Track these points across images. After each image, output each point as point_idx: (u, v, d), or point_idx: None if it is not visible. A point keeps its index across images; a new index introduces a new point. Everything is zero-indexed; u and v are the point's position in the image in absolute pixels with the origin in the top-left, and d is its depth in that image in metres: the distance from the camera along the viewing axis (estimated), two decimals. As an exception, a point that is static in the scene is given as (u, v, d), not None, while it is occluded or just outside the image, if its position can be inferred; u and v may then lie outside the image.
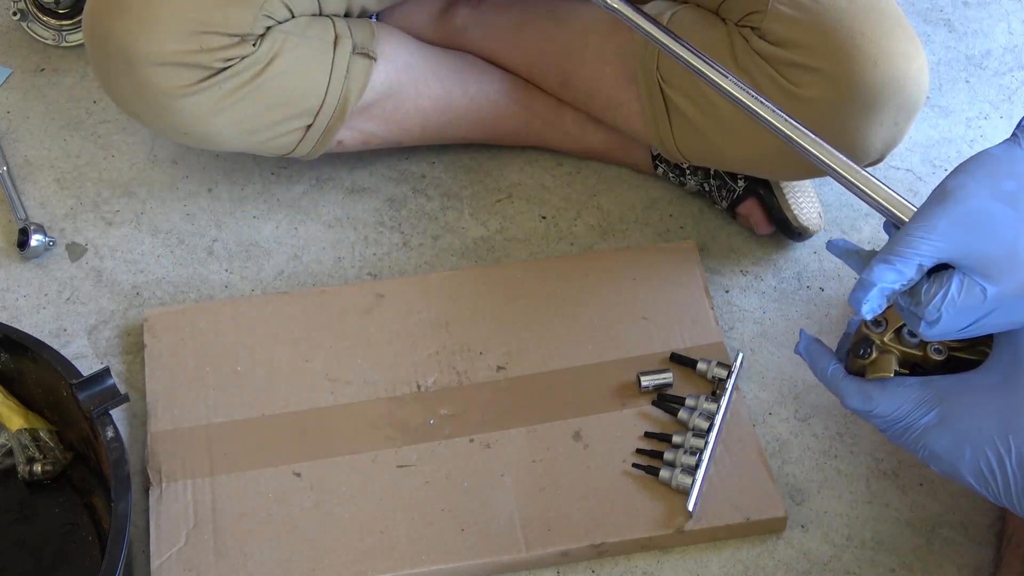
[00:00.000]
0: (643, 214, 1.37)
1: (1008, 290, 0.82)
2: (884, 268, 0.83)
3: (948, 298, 0.83)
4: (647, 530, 1.08)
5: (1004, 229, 0.82)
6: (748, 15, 1.19)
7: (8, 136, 1.44)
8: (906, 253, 0.83)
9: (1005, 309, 0.83)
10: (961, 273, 0.83)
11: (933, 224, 0.83)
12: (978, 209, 0.83)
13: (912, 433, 0.90)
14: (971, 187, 0.83)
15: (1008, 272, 0.82)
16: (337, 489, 1.11)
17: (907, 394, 0.90)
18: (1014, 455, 0.86)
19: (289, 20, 1.23)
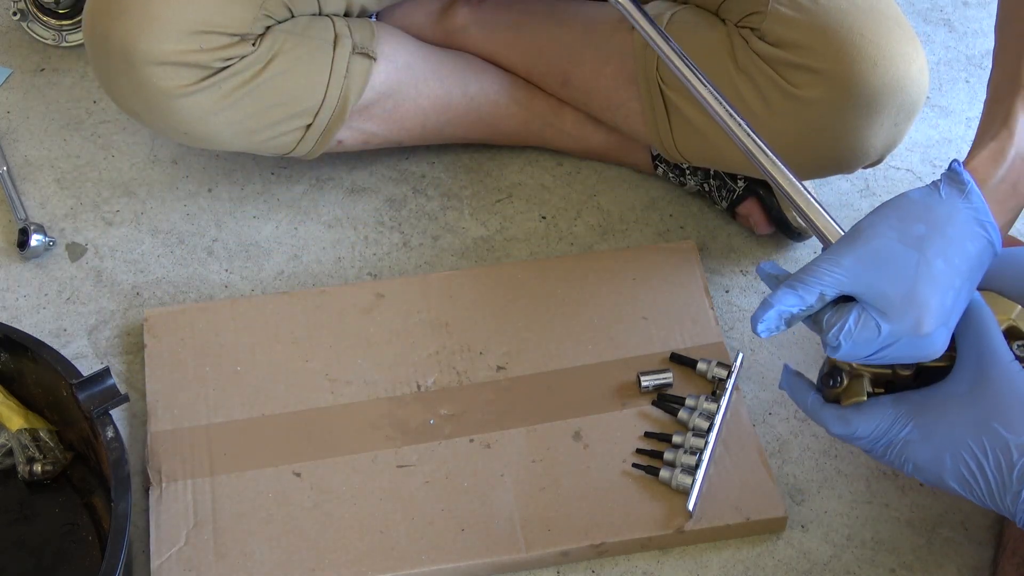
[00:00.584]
0: (643, 214, 1.37)
1: (901, 329, 0.86)
2: (786, 292, 0.88)
3: (845, 329, 0.87)
4: (647, 530, 1.08)
5: (905, 271, 0.86)
6: (748, 16, 1.19)
7: (8, 136, 1.44)
8: (809, 282, 0.88)
9: (903, 345, 0.87)
10: (860, 307, 0.87)
11: (839, 259, 0.87)
12: (883, 249, 0.87)
13: (894, 449, 0.92)
14: (880, 228, 0.87)
15: (902, 312, 0.85)
16: (337, 489, 1.11)
17: (882, 412, 0.92)
18: (990, 458, 0.87)
19: (289, 20, 1.23)
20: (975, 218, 0.87)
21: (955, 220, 0.87)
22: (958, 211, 0.87)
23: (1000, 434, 0.87)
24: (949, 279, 0.86)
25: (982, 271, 0.89)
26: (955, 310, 0.87)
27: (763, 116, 1.18)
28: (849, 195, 1.39)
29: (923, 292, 0.85)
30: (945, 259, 0.86)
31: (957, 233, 0.87)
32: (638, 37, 1.26)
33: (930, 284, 0.86)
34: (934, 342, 0.87)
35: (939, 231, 0.87)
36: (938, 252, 0.86)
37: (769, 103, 1.17)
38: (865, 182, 1.41)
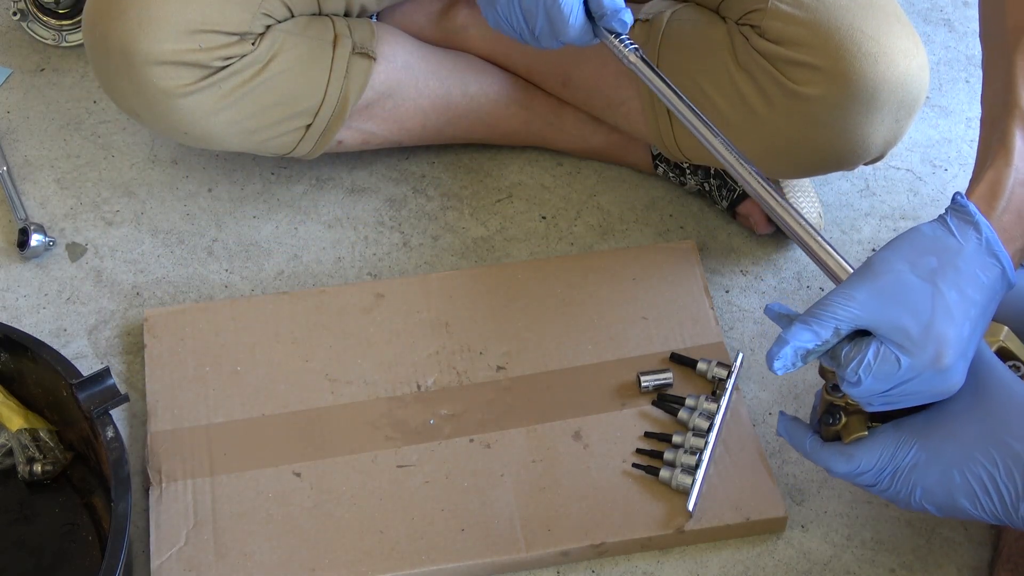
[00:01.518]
0: (643, 214, 1.37)
1: (921, 363, 0.85)
2: (801, 328, 0.87)
3: (864, 363, 0.86)
4: (647, 530, 1.08)
5: (921, 303, 0.86)
6: (748, 13, 1.19)
7: (8, 136, 1.44)
8: (823, 316, 0.87)
9: (922, 380, 0.86)
10: (879, 342, 0.86)
11: (852, 293, 0.87)
12: (897, 282, 0.86)
13: (901, 475, 0.92)
14: (893, 261, 0.87)
15: (922, 346, 0.85)
16: (337, 489, 1.11)
17: (884, 441, 0.92)
18: (1001, 469, 0.87)
19: (289, 19, 1.23)
20: (986, 248, 0.88)
21: (966, 252, 0.87)
22: (968, 242, 0.88)
23: (1009, 445, 0.87)
24: (965, 310, 0.86)
25: (997, 301, 0.89)
26: (971, 342, 0.87)
27: (764, 113, 1.18)
28: (849, 195, 1.39)
29: (941, 325, 0.85)
30: (959, 291, 0.86)
31: (969, 264, 0.87)
32: (639, 35, 1.26)
33: (947, 316, 0.85)
34: (953, 375, 0.86)
35: (951, 263, 0.87)
36: (951, 284, 0.86)
37: (770, 100, 1.17)
38: (865, 182, 1.41)
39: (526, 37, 1.07)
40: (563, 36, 1.05)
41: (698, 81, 1.22)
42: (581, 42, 1.05)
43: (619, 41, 1.04)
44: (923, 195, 1.39)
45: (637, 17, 1.27)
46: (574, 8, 1.03)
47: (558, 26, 1.04)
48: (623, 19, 1.03)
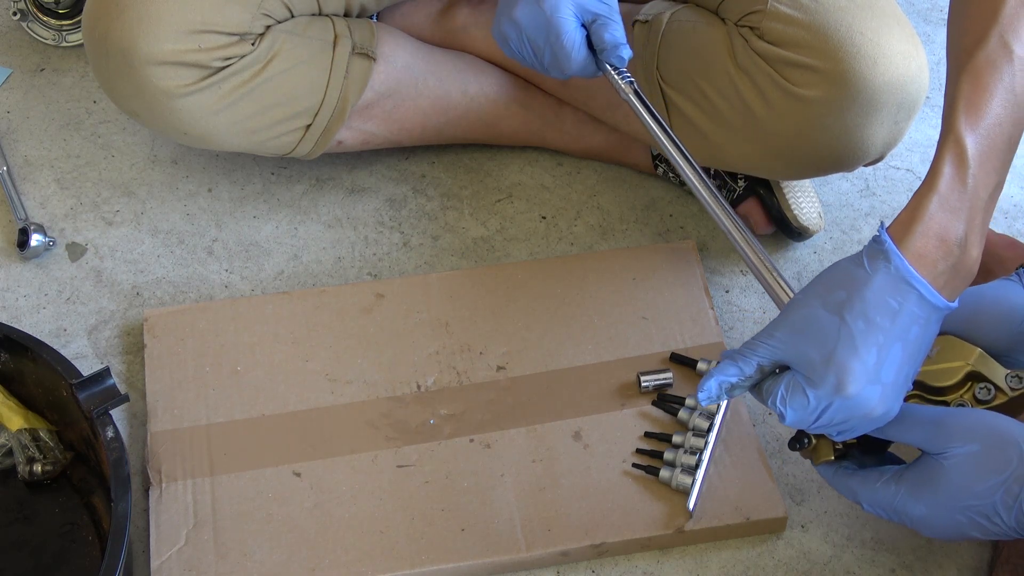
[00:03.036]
0: (643, 214, 1.37)
1: (825, 392, 0.89)
2: (727, 364, 0.93)
3: (779, 396, 0.91)
4: (647, 530, 1.08)
5: (827, 335, 0.89)
6: (747, 15, 1.19)
7: (8, 136, 1.44)
8: (746, 353, 0.93)
9: (837, 409, 0.90)
10: (791, 375, 0.91)
11: (772, 331, 0.92)
12: (808, 317, 0.91)
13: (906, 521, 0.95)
14: (806, 298, 0.92)
15: (824, 375, 0.89)
16: (337, 489, 1.11)
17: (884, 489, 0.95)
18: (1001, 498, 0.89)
19: (288, 20, 1.23)
20: (895, 275, 0.89)
21: (874, 282, 0.90)
22: (877, 272, 0.90)
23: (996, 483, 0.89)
24: (871, 338, 0.88)
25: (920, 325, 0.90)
26: (886, 367, 0.89)
27: (763, 115, 1.18)
28: (849, 195, 1.39)
29: (841, 354, 0.88)
30: (865, 320, 0.89)
31: (877, 293, 0.89)
32: (638, 36, 1.26)
33: (849, 345, 0.88)
34: (867, 402, 0.89)
35: (858, 294, 0.89)
36: (858, 314, 0.89)
37: (769, 102, 1.17)
38: (865, 182, 1.41)
39: (539, 68, 1.13)
40: (567, 70, 1.10)
41: (697, 82, 1.22)
42: (584, 74, 1.11)
43: (617, 74, 1.10)
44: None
45: (636, 18, 1.27)
46: (575, 44, 1.09)
47: (562, 60, 1.09)
48: (621, 55, 1.09)
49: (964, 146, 0.91)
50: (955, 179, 0.91)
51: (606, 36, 1.08)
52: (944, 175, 0.91)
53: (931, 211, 0.91)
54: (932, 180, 0.92)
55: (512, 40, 1.11)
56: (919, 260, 0.90)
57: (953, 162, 0.91)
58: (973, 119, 0.92)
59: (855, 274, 0.91)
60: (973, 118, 0.92)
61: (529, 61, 1.13)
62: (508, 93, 1.36)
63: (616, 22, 1.09)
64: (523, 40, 1.10)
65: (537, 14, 1.08)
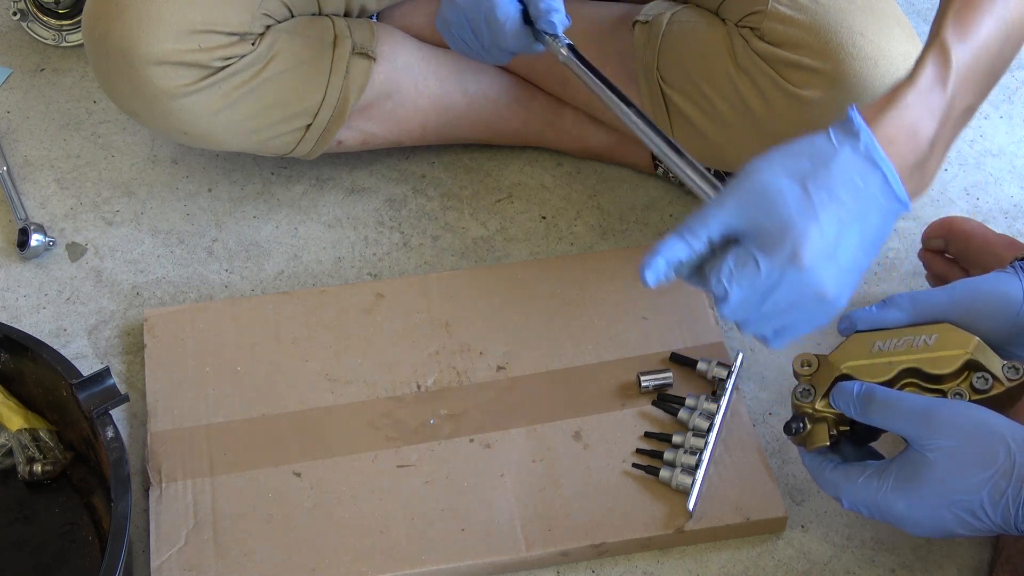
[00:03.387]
0: (643, 214, 1.37)
1: (778, 261, 0.84)
2: (673, 240, 0.87)
3: (725, 270, 0.85)
4: (647, 530, 1.08)
5: (787, 203, 0.85)
6: (748, 15, 1.19)
7: (8, 136, 1.44)
8: (694, 227, 0.87)
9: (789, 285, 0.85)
10: (740, 246, 0.86)
11: (723, 200, 0.86)
12: (766, 184, 0.85)
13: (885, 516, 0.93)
14: (764, 165, 0.86)
15: (779, 243, 0.84)
16: (337, 489, 1.11)
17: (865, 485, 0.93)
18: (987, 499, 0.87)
19: (288, 19, 1.23)
20: (864, 154, 0.86)
21: (840, 155, 0.86)
22: (844, 147, 0.87)
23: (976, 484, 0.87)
24: (832, 211, 0.85)
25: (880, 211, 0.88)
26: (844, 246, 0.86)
27: (764, 116, 1.18)
28: (849, 195, 1.39)
29: (800, 222, 0.84)
30: (829, 192, 0.85)
31: (842, 167, 0.86)
32: (639, 36, 1.26)
33: (809, 214, 0.84)
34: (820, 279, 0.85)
35: (824, 165, 0.86)
36: (821, 185, 0.85)
37: (770, 103, 1.17)
38: (865, 182, 1.41)
39: (481, 53, 1.10)
40: (504, 44, 1.07)
41: (697, 83, 1.22)
42: (523, 49, 1.08)
43: (554, 40, 1.07)
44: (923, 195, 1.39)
45: (636, 18, 1.27)
46: (509, 16, 1.05)
47: (497, 35, 1.06)
48: (552, 20, 1.05)
49: (949, 54, 0.89)
50: (936, 81, 0.89)
51: (541, 5, 1.04)
52: (925, 75, 0.89)
53: (908, 102, 0.89)
54: (913, 76, 0.89)
55: (453, 25, 1.09)
56: (888, 145, 0.88)
57: (936, 65, 0.90)
58: (960, 33, 0.90)
59: (821, 147, 0.87)
60: (961, 32, 0.90)
61: (472, 47, 1.10)
62: (508, 93, 1.36)
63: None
64: (463, 22, 1.08)
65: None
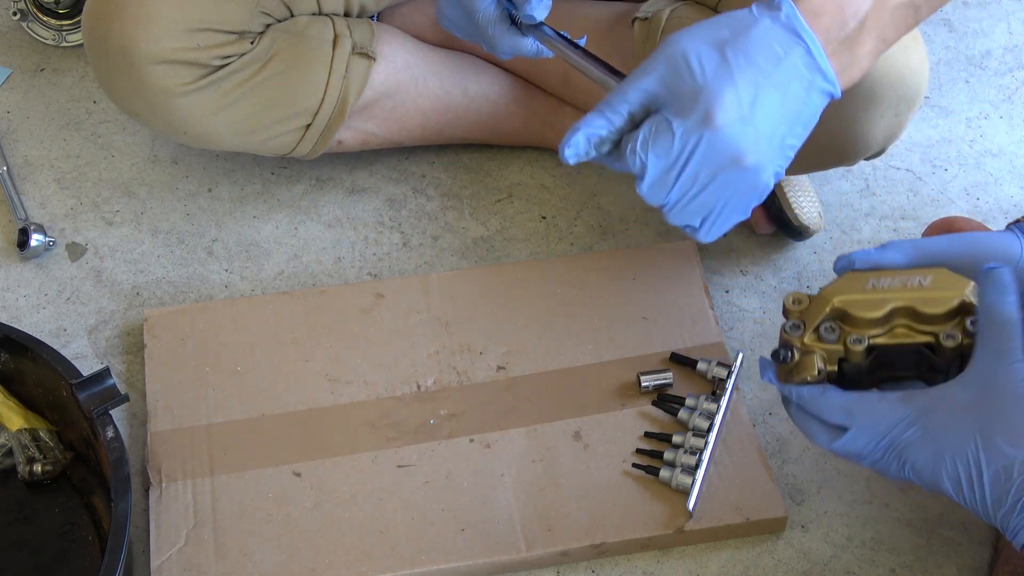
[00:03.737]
0: (643, 214, 1.37)
1: (693, 124, 0.83)
2: (592, 116, 0.86)
3: (640, 138, 0.85)
4: (647, 530, 1.08)
5: (702, 67, 0.84)
6: (746, 13, 1.19)
7: (8, 136, 1.44)
8: (614, 101, 0.86)
9: (705, 152, 0.84)
10: (656, 115, 0.85)
11: (642, 72, 0.85)
12: (684, 52, 0.85)
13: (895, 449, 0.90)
14: (684, 36, 0.86)
15: (693, 106, 0.83)
16: (337, 489, 1.11)
17: (889, 410, 0.90)
18: (990, 470, 0.87)
19: (288, 19, 1.23)
20: (785, 24, 0.86)
21: (761, 24, 0.86)
22: (764, 17, 0.86)
23: (1003, 449, 0.86)
24: (749, 75, 0.84)
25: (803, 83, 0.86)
26: (761, 110, 0.85)
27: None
28: (849, 195, 1.39)
29: (714, 83, 0.83)
30: (746, 57, 0.84)
31: (762, 35, 0.85)
32: (638, 33, 1.26)
33: (725, 77, 0.84)
34: (736, 141, 0.84)
35: (742, 33, 0.85)
36: (738, 51, 0.84)
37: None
38: (865, 182, 1.41)
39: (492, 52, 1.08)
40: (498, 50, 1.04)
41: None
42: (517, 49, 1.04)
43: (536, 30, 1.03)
44: (923, 195, 1.39)
45: (636, 15, 1.27)
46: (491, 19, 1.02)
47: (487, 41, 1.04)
48: (530, 13, 1.01)
49: None
50: None
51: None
52: None
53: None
54: None
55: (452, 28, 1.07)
56: (813, 18, 0.86)
57: None
58: None
59: (742, 17, 0.86)
60: None
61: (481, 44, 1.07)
62: (508, 93, 1.36)
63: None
64: (459, 29, 1.06)
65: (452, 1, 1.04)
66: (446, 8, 1.06)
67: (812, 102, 0.88)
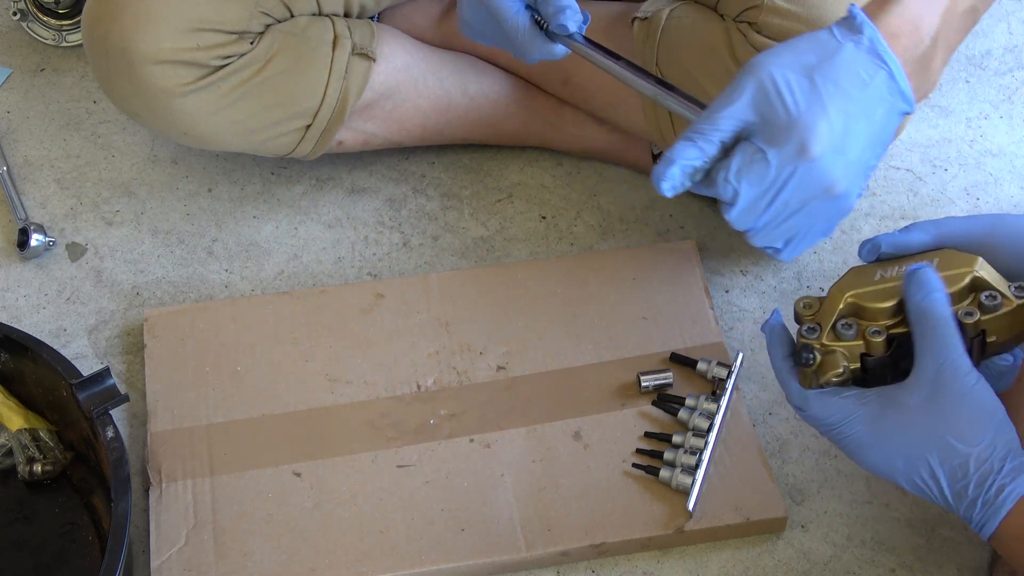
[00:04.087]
0: (643, 214, 1.37)
1: (787, 154, 0.84)
2: (685, 144, 0.86)
3: (734, 168, 0.85)
4: (647, 530, 1.08)
5: (795, 95, 0.84)
6: (745, 10, 1.19)
7: (8, 136, 1.44)
8: (705, 129, 0.85)
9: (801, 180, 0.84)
10: (747, 143, 0.85)
11: (730, 98, 0.85)
12: (774, 78, 0.85)
13: (845, 444, 0.92)
14: (769, 61, 0.86)
15: (788, 136, 0.84)
16: (337, 489, 1.11)
17: (839, 404, 0.91)
18: (945, 468, 0.88)
19: (288, 20, 1.23)
20: (868, 48, 0.86)
21: (845, 49, 0.86)
22: (848, 42, 0.87)
23: (955, 447, 0.87)
24: (840, 103, 0.85)
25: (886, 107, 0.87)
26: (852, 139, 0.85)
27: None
28: (849, 195, 1.39)
29: (809, 114, 0.84)
30: (836, 84, 0.85)
31: (848, 61, 0.86)
32: (638, 33, 1.26)
33: (817, 106, 0.84)
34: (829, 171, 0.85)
35: (829, 59, 0.86)
36: (827, 78, 0.85)
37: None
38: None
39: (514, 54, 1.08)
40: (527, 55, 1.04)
41: (697, 78, 1.22)
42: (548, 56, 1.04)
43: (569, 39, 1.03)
44: (923, 195, 1.39)
45: (635, 15, 1.27)
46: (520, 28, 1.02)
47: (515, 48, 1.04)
48: (562, 22, 1.01)
49: None
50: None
51: (549, 7, 1.01)
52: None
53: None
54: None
55: (476, 37, 1.07)
56: (892, 39, 0.87)
57: None
58: None
59: (826, 42, 0.87)
60: None
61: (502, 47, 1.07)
62: (508, 93, 1.36)
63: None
64: (482, 35, 1.06)
65: (477, 7, 1.04)
66: (469, 16, 1.05)
67: (892, 124, 0.89)
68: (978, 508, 0.87)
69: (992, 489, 0.86)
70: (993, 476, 0.86)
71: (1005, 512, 0.86)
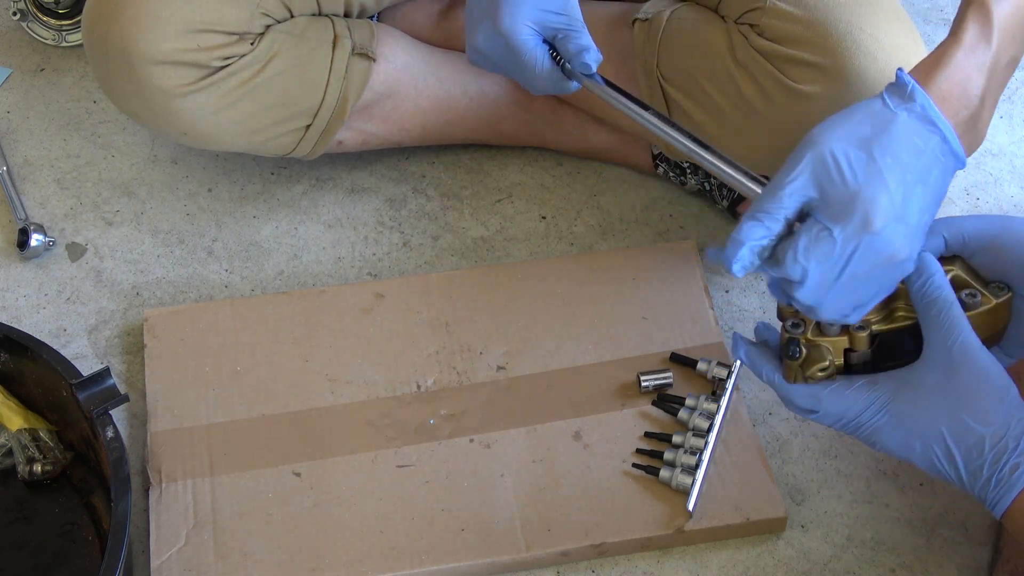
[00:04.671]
0: (643, 214, 1.37)
1: (852, 229, 0.85)
2: (751, 225, 0.86)
3: (802, 247, 0.85)
4: (647, 530, 1.08)
5: (855, 171, 0.85)
6: (747, 12, 1.19)
7: (8, 136, 1.44)
8: (770, 207, 0.86)
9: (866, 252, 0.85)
10: (811, 221, 0.86)
11: (791, 174, 0.86)
12: (832, 153, 0.86)
13: (863, 431, 0.93)
14: (826, 136, 0.87)
15: (851, 211, 0.85)
16: (337, 489, 1.11)
17: (854, 396, 0.93)
18: (962, 448, 0.89)
19: (288, 20, 1.23)
20: (921, 115, 0.88)
21: (899, 119, 0.88)
22: (901, 110, 0.88)
23: (971, 427, 0.88)
24: (898, 174, 0.86)
25: (940, 169, 0.89)
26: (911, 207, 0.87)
27: (764, 112, 1.18)
28: (849, 195, 1.39)
29: (869, 188, 0.85)
30: (893, 155, 0.86)
31: (903, 130, 0.87)
32: (638, 34, 1.26)
33: (877, 179, 0.85)
34: (892, 240, 0.86)
35: (884, 130, 0.87)
36: (885, 150, 0.86)
37: (770, 98, 1.17)
38: (865, 182, 1.40)
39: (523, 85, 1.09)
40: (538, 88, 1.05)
41: (698, 80, 1.22)
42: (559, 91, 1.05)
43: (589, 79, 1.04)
44: (923, 195, 1.39)
45: (636, 16, 1.27)
46: (538, 63, 1.03)
47: (529, 81, 1.05)
48: (585, 61, 1.02)
49: (989, 8, 0.92)
50: (980, 36, 0.91)
51: (570, 46, 1.02)
52: (969, 31, 0.92)
53: (955, 59, 0.91)
54: (957, 34, 0.92)
55: (484, 65, 1.08)
56: (942, 103, 0.89)
57: (978, 21, 0.92)
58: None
59: (879, 111, 0.88)
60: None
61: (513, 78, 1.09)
62: (508, 93, 1.36)
63: (578, 31, 1.03)
64: (493, 65, 1.07)
65: (495, 39, 1.04)
66: (484, 46, 1.06)
67: (946, 182, 0.90)
68: (992, 486, 0.88)
69: (1006, 467, 0.87)
70: (1008, 454, 0.87)
71: (1019, 490, 0.87)
